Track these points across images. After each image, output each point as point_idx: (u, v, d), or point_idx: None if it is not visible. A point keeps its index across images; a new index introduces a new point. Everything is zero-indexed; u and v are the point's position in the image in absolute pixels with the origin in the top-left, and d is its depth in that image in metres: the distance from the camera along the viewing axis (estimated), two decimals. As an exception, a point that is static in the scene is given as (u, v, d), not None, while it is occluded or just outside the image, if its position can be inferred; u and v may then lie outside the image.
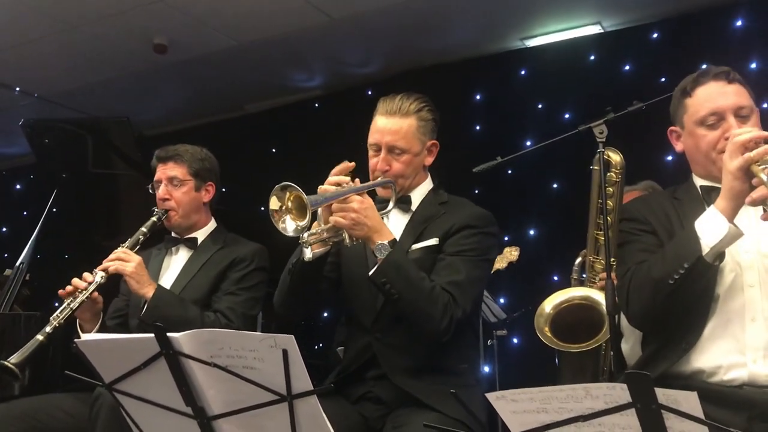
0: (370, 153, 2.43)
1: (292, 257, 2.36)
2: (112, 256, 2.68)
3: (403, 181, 2.40)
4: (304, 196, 2.05)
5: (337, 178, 2.22)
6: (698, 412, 1.25)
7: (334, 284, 2.48)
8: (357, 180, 2.26)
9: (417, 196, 2.46)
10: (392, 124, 2.37)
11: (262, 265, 2.87)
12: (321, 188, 2.20)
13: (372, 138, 2.41)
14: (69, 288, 2.60)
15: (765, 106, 4.19)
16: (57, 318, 2.55)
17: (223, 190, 3.11)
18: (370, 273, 2.17)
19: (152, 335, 1.60)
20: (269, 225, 2.28)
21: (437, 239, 2.33)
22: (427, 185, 2.50)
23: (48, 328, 2.53)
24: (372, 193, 2.37)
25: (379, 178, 2.39)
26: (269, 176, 2.65)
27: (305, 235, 2.17)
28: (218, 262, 2.84)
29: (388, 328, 2.31)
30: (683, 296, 1.87)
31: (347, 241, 2.23)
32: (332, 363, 3.60)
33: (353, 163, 2.27)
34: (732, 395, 1.84)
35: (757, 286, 1.91)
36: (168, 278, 2.86)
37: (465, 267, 2.26)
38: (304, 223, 2.08)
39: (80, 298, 2.57)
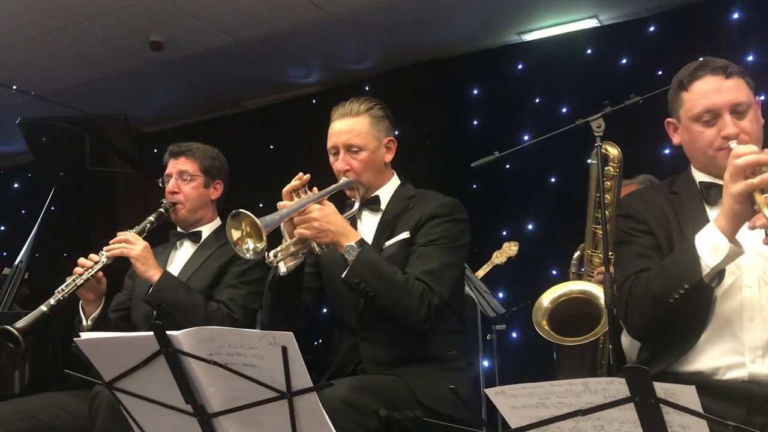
0: (331, 159, 2.52)
1: (269, 274, 2.41)
2: (118, 237, 2.75)
3: (365, 178, 2.47)
4: (257, 220, 2.08)
5: (292, 189, 2.28)
6: (696, 406, 1.25)
7: (318, 293, 2.55)
8: (315, 189, 2.32)
9: (384, 194, 2.53)
10: (345, 125, 2.49)
11: (260, 260, 2.90)
12: (279, 204, 2.26)
13: (329, 142, 2.52)
14: (77, 269, 2.67)
15: (762, 98, 4.19)
16: (62, 291, 2.62)
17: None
18: (343, 275, 2.22)
19: (151, 333, 1.60)
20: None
21: (408, 232, 2.40)
22: (393, 183, 2.58)
23: (52, 300, 2.61)
24: (343, 197, 2.45)
25: (341, 180, 2.46)
26: (267, 173, 2.67)
27: (271, 254, 2.22)
28: (221, 257, 2.89)
29: (373, 325, 2.37)
30: (682, 313, 1.86)
31: (317, 249, 2.29)
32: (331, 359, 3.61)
33: (308, 176, 2.32)
34: (731, 389, 1.83)
35: (756, 286, 1.89)
36: (172, 271, 2.90)
37: (437, 254, 2.32)
38: (262, 245, 2.10)
39: (85, 275, 2.65)
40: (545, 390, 1.33)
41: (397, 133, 2.65)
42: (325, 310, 5.51)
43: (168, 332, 1.59)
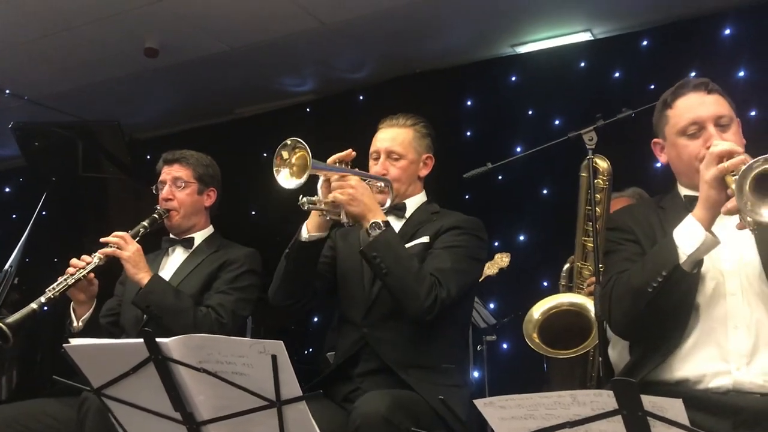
0: (371, 163, 2.63)
1: (291, 241, 2.44)
2: (115, 233, 2.76)
3: (398, 185, 2.58)
4: (309, 156, 2.20)
5: (341, 155, 2.38)
6: (683, 419, 1.26)
7: (329, 284, 2.60)
8: (356, 169, 2.41)
9: (412, 204, 2.63)
10: (390, 133, 2.63)
11: (253, 268, 2.93)
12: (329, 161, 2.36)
13: (373, 147, 2.64)
14: (69, 269, 2.69)
15: (753, 114, 4.23)
16: (53, 290, 2.64)
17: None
18: (362, 247, 2.29)
19: (141, 340, 1.60)
20: (260, 230, 2.31)
21: (428, 237, 2.47)
22: (421, 197, 2.68)
23: (43, 298, 2.63)
24: None
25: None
26: (259, 181, 2.68)
27: (305, 199, 2.31)
28: (211, 263, 2.91)
29: (379, 322, 2.42)
30: (662, 304, 1.89)
31: (344, 218, 2.33)
32: (322, 368, 3.60)
33: (354, 153, 2.41)
34: (717, 402, 1.85)
35: (739, 293, 1.93)
36: (163, 276, 2.89)
37: (451, 258, 2.39)
38: (299, 181, 2.22)
39: (77, 275, 2.66)
40: (534, 401, 1.33)
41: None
42: (316, 319, 5.52)
43: (158, 339, 1.59)
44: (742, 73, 4.51)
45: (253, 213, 5.81)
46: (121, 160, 4.06)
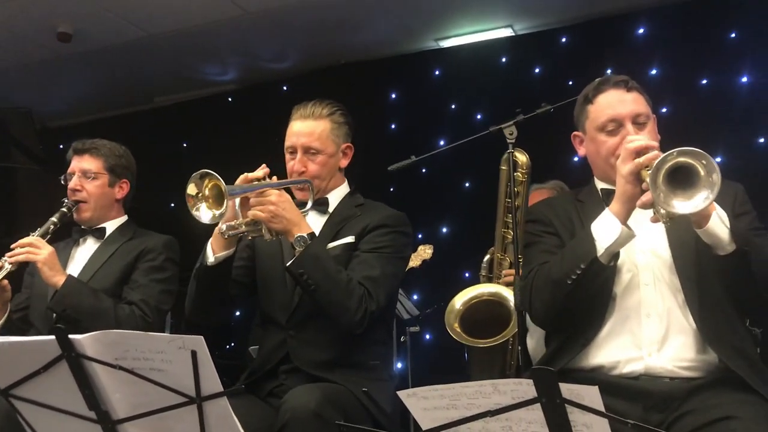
0: (287, 157, 2.51)
1: (198, 262, 2.36)
2: (22, 242, 2.62)
3: (319, 182, 2.48)
4: (223, 184, 2.09)
5: (254, 174, 2.27)
6: (599, 405, 1.30)
7: (247, 289, 2.52)
8: (274, 177, 2.32)
9: (334, 198, 2.54)
10: (306, 127, 2.47)
11: (171, 256, 2.85)
12: (239, 181, 2.25)
13: (288, 141, 2.51)
14: None
15: (664, 111, 4.41)
16: None
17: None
18: (288, 263, 2.21)
19: (53, 337, 1.53)
20: (180, 222, 2.25)
21: (353, 237, 2.40)
22: (344, 189, 2.59)
23: None
24: (290, 197, 2.40)
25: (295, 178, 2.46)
26: (180, 171, 2.61)
27: (224, 226, 2.21)
28: (127, 253, 2.80)
29: (303, 324, 2.35)
30: (581, 295, 1.96)
31: (266, 235, 2.26)
32: (245, 363, 3.56)
33: (268, 170, 2.32)
34: (629, 386, 1.93)
35: (652, 284, 2.01)
36: (74, 268, 2.79)
37: (379, 263, 2.34)
38: (221, 211, 2.12)
39: None
40: (456, 391, 1.35)
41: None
42: (238, 313, 5.44)
43: (71, 336, 1.53)
44: (654, 71, 4.70)
45: (173, 205, 5.68)
46: (31, 149, 3.88)
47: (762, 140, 4.48)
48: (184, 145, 6.10)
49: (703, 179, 1.72)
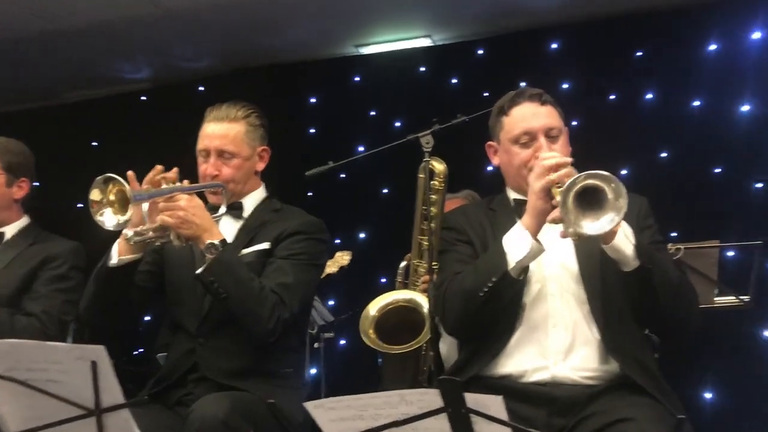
0: (200, 160, 2.44)
1: (100, 262, 2.26)
2: None
3: (234, 185, 2.42)
4: (128, 189, 2.02)
5: (165, 174, 2.19)
6: (503, 415, 1.33)
7: (151, 294, 2.43)
8: (185, 181, 2.24)
9: (250, 202, 2.49)
10: (221, 129, 2.41)
11: (77, 264, 2.70)
12: (146, 184, 2.16)
13: (201, 144, 2.44)
14: None
15: (574, 123, 4.56)
16: None
17: (36, 184, 2.88)
18: (198, 271, 2.15)
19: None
20: (86, 224, 2.15)
21: (269, 243, 2.36)
22: (260, 193, 2.53)
23: None
24: (203, 202, 2.34)
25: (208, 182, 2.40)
26: (87, 171, 2.49)
27: (130, 233, 2.13)
28: (29, 259, 2.64)
29: (213, 332, 2.29)
30: (492, 307, 1.99)
31: (175, 242, 2.18)
32: (153, 369, 3.45)
33: (177, 170, 2.24)
34: (535, 392, 1.98)
35: (558, 295, 2.07)
36: None
37: (293, 270, 2.30)
38: (125, 217, 2.05)
39: None
40: (363, 402, 1.35)
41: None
42: (148, 318, 5.28)
43: (-43, 346, 1.44)
44: (566, 85, 4.87)
45: (80, 206, 5.46)
46: None
47: (665, 154, 4.70)
48: (94, 144, 5.89)
49: (610, 202, 1.78)
